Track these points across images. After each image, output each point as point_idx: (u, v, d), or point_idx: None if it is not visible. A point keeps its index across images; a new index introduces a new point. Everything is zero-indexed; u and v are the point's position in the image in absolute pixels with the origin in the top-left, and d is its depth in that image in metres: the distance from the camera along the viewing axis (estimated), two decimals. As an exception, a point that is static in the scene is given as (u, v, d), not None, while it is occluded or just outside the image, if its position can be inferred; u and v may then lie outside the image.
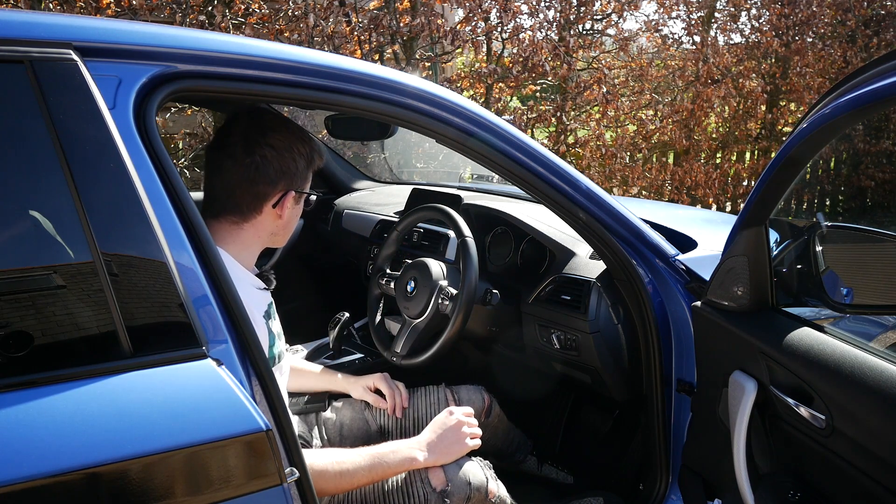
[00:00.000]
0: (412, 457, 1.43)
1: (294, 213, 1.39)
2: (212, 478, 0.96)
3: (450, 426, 1.49)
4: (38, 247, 0.92)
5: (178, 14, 3.70)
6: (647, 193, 5.88)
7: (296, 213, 1.40)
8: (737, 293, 1.41)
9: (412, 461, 1.43)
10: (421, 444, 1.47)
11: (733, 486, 1.41)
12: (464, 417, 1.51)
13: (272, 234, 1.38)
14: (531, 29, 5.00)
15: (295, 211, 1.39)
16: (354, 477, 1.37)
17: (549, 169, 1.50)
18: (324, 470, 1.34)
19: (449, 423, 1.49)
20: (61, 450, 0.86)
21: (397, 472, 1.44)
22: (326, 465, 1.35)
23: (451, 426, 1.49)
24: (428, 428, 1.51)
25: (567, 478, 2.09)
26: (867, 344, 1.21)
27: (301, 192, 1.37)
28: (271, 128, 1.34)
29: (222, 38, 1.23)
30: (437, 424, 1.51)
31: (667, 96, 6.20)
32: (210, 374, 0.97)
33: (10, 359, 0.88)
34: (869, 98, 1.08)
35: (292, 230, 1.41)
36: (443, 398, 1.80)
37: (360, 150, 4.32)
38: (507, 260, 2.17)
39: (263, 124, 1.34)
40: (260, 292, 1.39)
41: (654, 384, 1.68)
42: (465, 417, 1.51)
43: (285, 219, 1.37)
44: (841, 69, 6.65)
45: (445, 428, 1.49)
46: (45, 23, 1.00)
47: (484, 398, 1.87)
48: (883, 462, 1.10)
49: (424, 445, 1.46)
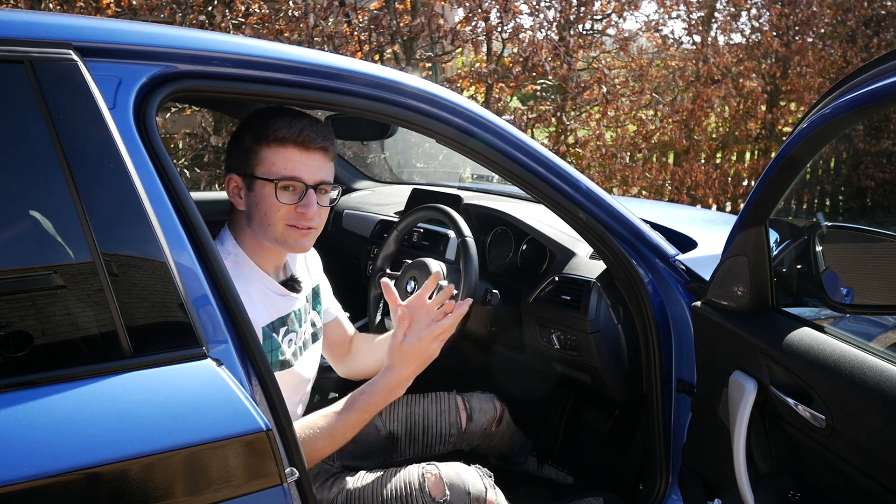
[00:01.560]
0: (393, 392, 1.35)
1: (250, 201, 1.28)
2: (212, 478, 0.96)
3: (397, 346, 1.35)
4: (38, 247, 0.92)
5: (178, 14, 3.70)
6: (647, 193, 5.88)
7: (254, 201, 1.28)
8: (737, 293, 1.41)
9: (394, 393, 1.35)
10: (394, 378, 1.35)
11: (733, 486, 1.41)
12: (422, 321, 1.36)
13: (250, 228, 1.31)
14: (531, 29, 5.00)
15: (250, 198, 1.28)
16: (346, 436, 1.32)
17: (549, 169, 1.50)
18: (312, 442, 1.29)
19: (395, 344, 1.35)
20: (61, 450, 0.86)
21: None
22: (312, 434, 1.29)
23: (399, 346, 1.35)
24: (392, 356, 1.36)
25: (567, 478, 2.09)
26: (867, 344, 1.21)
27: (242, 174, 1.27)
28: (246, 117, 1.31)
29: (222, 38, 1.23)
30: (390, 352, 1.36)
31: (667, 96, 6.19)
32: (210, 374, 0.97)
33: (10, 359, 0.88)
34: (869, 98, 1.08)
35: (265, 223, 1.29)
36: (454, 405, 1.78)
37: (360, 150, 4.32)
38: (507, 260, 2.17)
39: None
40: (275, 297, 1.37)
41: (654, 384, 1.68)
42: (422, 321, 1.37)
43: (245, 207, 1.29)
44: (841, 69, 6.65)
45: (395, 349, 1.36)
46: (45, 23, 1.00)
47: (496, 407, 1.85)
48: (883, 462, 1.10)
49: (389, 373, 1.35)
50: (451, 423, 1.76)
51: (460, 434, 1.77)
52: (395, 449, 1.72)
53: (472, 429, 1.79)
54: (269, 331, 1.35)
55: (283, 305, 1.40)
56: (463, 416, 1.78)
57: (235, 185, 1.31)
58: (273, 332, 1.36)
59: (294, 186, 1.28)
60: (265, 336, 1.33)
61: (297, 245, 1.33)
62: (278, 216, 1.28)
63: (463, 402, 1.80)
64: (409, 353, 1.34)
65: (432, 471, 1.46)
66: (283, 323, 1.39)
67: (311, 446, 1.28)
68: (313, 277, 1.57)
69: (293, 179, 1.27)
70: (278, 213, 1.28)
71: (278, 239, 1.31)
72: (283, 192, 1.27)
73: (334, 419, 1.31)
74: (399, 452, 1.72)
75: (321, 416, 1.33)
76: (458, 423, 1.77)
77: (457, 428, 1.76)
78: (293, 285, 1.42)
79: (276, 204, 1.27)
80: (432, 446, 1.74)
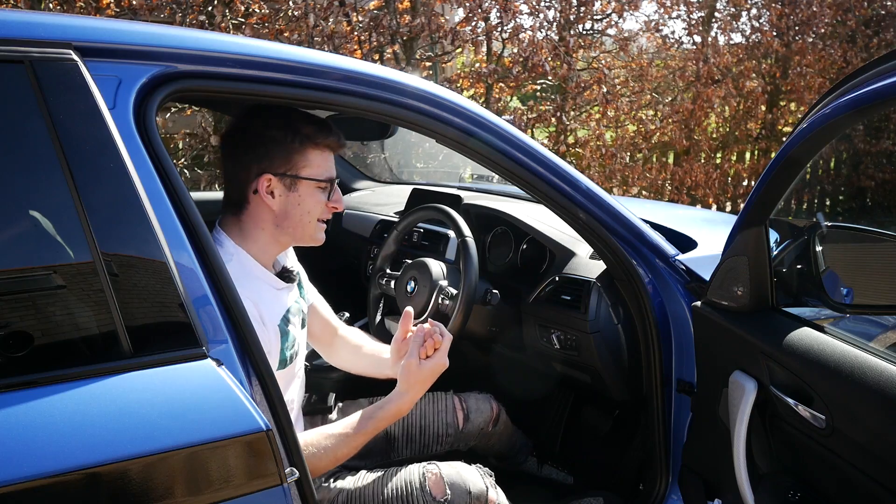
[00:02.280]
0: (401, 415, 1.38)
1: (291, 200, 1.30)
2: (212, 478, 0.96)
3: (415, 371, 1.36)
4: (38, 247, 0.92)
5: (178, 14, 3.70)
6: (647, 193, 5.88)
7: (296, 200, 1.31)
8: (737, 293, 1.41)
9: (402, 415, 1.39)
10: (406, 403, 1.37)
11: (733, 486, 1.41)
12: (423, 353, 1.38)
13: (276, 227, 1.32)
14: (531, 29, 5.00)
15: (292, 198, 1.30)
16: (348, 455, 1.34)
17: (549, 169, 1.50)
18: (317, 460, 1.30)
19: (413, 369, 1.36)
20: (61, 450, 0.86)
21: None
22: (317, 454, 1.30)
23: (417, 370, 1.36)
24: (401, 381, 1.38)
25: (567, 478, 2.09)
26: (867, 344, 1.21)
27: (282, 175, 1.29)
28: (255, 113, 1.31)
29: (222, 38, 1.23)
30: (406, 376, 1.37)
31: (667, 96, 6.19)
32: (210, 374, 0.97)
33: (10, 359, 0.88)
34: (869, 98, 1.08)
35: (304, 221, 1.33)
36: (451, 405, 1.78)
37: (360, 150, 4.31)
38: (507, 260, 2.17)
39: (251, 111, 1.32)
40: (279, 293, 1.37)
41: (654, 384, 1.68)
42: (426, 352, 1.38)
43: (278, 207, 1.30)
44: (841, 69, 6.64)
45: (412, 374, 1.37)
46: (45, 23, 1.00)
47: (492, 407, 1.86)
48: (883, 462, 1.10)
49: (404, 397, 1.36)
50: (447, 423, 1.76)
51: (457, 434, 1.77)
52: (393, 449, 1.73)
53: (468, 429, 1.79)
54: (284, 326, 1.35)
55: (286, 298, 1.41)
56: (460, 415, 1.78)
57: (270, 185, 1.29)
58: (287, 326, 1.37)
59: (328, 185, 1.34)
60: (282, 333, 1.34)
61: (320, 237, 1.39)
62: (316, 213, 1.34)
63: (460, 402, 1.80)
64: (428, 376, 1.37)
65: (433, 470, 1.47)
66: (291, 314, 1.40)
67: (314, 465, 1.29)
68: (295, 265, 1.56)
69: (332, 180, 1.34)
70: (317, 210, 1.34)
71: (311, 235, 1.36)
72: (321, 191, 1.33)
73: (341, 443, 1.33)
74: (396, 452, 1.73)
75: (327, 436, 1.33)
76: (454, 422, 1.77)
77: (454, 428, 1.77)
78: (287, 276, 1.43)
79: (319, 201, 1.33)
80: (429, 446, 1.75)
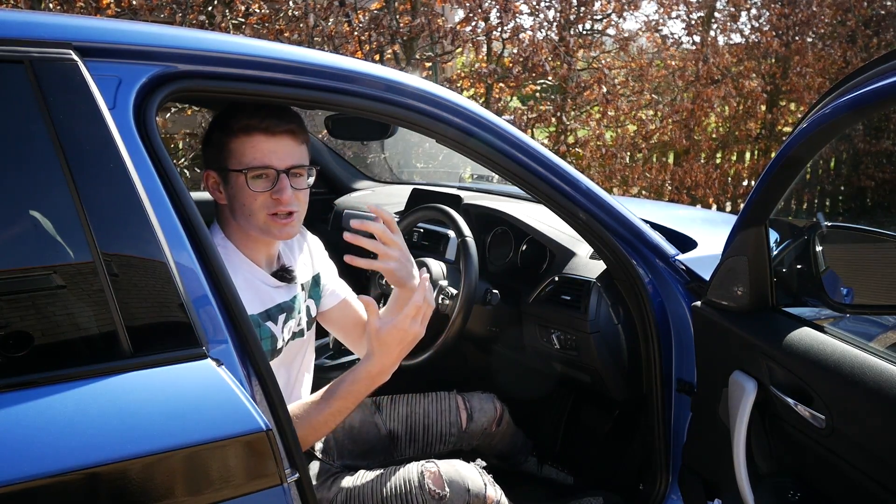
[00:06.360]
0: (376, 380, 1.29)
1: (229, 194, 1.31)
2: (212, 478, 0.96)
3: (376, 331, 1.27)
4: (38, 247, 0.92)
5: (178, 14, 3.70)
6: (647, 193, 5.88)
7: (232, 194, 1.31)
8: (737, 293, 1.41)
9: (377, 381, 1.29)
10: (376, 366, 1.28)
11: (733, 486, 1.41)
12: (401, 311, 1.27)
13: (235, 221, 1.33)
14: (531, 29, 5.00)
15: (229, 192, 1.31)
16: (329, 425, 1.29)
17: (549, 169, 1.50)
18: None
19: (374, 330, 1.27)
20: (61, 450, 0.86)
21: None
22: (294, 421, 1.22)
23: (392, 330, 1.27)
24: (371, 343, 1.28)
25: (567, 478, 2.09)
26: (867, 344, 1.21)
27: (217, 169, 1.31)
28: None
29: (222, 38, 1.23)
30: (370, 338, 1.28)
31: (667, 96, 6.19)
32: (210, 374, 0.97)
33: (10, 359, 0.88)
34: (869, 98, 1.08)
35: (247, 213, 1.30)
36: (454, 405, 1.78)
37: (360, 150, 4.31)
38: (507, 260, 2.17)
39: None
40: (265, 286, 1.38)
41: (654, 384, 1.68)
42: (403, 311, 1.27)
43: (226, 202, 1.33)
44: (841, 69, 6.64)
45: (374, 335, 1.28)
46: (45, 23, 1.00)
47: (496, 407, 1.86)
48: (883, 462, 1.10)
49: (371, 360, 1.28)
50: (451, 423, 1.76)
51: (460, 434, 1.78)
52: (396, 448, 1.73)
53: (472, 428, 1.79)
54: (259, 319, 1.35)
55: (275, 295, 1.40)
56: (463, 415, 1.78)
57: (213, 180, 1.34)
58: (265, 321, 1.36)
59: (266, 174, 1.29)
60: (255, 324, 1.33)
61: (281, 232, 1.34)
62: (257, 205, 1.30)
63: (463, 402, 1.80)
64: (387, 338, 1.27)
65: (431, 468, 1.47)
66: (280, 310, 1.40)
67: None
68: (315, 265, 1.57)
69: (264, 167, 1.28)
70: (256, 203, 1.29)
71: (262, 228, 1.32)
72: (257, 180, 1.29)
73: (314, 409, 1.27)
74: (399, 451, 1.73)
75: (299, 405, 1.29)
76: (458, 422, 1.77)
77: (457, 427, 1.77)
78: (284, 275, 1.42)
79: (251, 193, 1.28)
80: (432, 445, 1.75)
